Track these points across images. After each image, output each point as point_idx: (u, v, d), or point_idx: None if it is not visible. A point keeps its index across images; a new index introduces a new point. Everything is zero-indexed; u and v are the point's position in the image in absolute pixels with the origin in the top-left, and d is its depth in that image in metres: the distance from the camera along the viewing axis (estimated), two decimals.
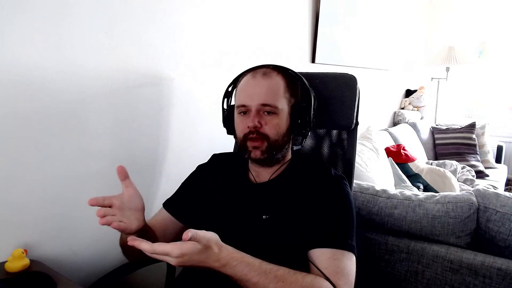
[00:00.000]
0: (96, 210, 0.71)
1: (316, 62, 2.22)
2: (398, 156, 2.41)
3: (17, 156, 0.93)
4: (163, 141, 1.33)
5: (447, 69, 3.71)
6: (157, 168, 1.33)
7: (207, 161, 1.08)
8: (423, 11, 4.28)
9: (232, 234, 0.79)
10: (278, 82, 0.90)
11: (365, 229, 1.39)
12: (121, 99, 1.15)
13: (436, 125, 3.78)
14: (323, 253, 0.79)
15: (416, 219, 1.28)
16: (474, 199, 1.24)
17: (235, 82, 0.98)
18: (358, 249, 0.82)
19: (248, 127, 0.87)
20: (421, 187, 2.29)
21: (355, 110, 1.11)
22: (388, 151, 2.40)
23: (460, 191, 2.09)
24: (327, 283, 0.74)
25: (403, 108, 4.00)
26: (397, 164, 2.30)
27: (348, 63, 2.64)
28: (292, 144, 0.98)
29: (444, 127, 3.58)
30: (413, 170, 2.44)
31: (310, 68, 2.20)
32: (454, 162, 2.92)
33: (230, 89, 1.00)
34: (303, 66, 2.14)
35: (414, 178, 2.35)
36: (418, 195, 1.35)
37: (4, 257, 0.92)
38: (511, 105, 4.18)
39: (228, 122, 0.98)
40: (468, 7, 4.19)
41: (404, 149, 2.48)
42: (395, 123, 3.72)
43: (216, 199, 0.95)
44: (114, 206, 0.73)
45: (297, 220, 0.84)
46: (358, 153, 1.59)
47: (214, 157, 1.08)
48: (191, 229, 0.66)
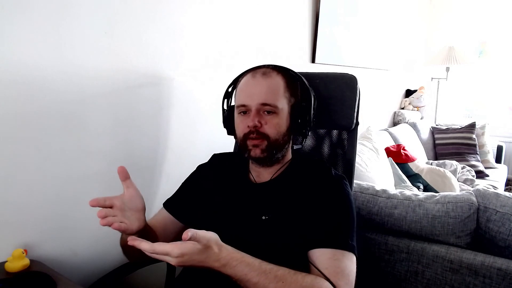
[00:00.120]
0: (96, 210, 0.71)
1: (316, 62, 2.22)
2: (398, 156, 2.41)
3: (17, 156, 0.93)
4: (163, 141, 1.33)
5: (447, 69, 3.71)
6: (157, 168, 1.33)
7: (207, 161, 1.08)
8: (423, 11, 4.28)
9: (232, 234, 0.79)
10: (278, 81, 0.90)
11: (365, 229, 1.39)
12: (121, 99, 1.15)
13: (436, 125, 3.78)
14: (323, 253, 0.79)
15: (416, 219, 1.28)
16: (474, 199, 1.24)
17: (235, 83, 0.98)
18: (358, 249, 0.82)
19: (248, 127, 0.87)
20: (421, 187, 2.29)
21: (356, 110, 1.11)
22: (388, 151, 2.40)
23: (460, 191, 2.09)
24: (327, 284, 0.74)
25: (403, 108, 4.00)
26: (397, 164, 2.30)
27: (348, 63, 2.64)
28: (292, 144, 0.98)
29: (444, 127, 3.58)
30: (413, 170, 2.44)
31: (310, 68, 2.20)
32: (454, 162, 2.92)
33: (230, 90, 1.00)
34: (303, 66, 2.14)
35: (414, 178, 2.35)
36: (418, 195, 1.35)
37: (4, 257, 0.92)
38: (511, 105, 4.18)
39: (228, 122, 0.98)
40: (468, 7, 4.20)
41: (404, 149, 2.48)
42: (395, 123, 3.72)
43: (216, 199, 0.95)
44: (115, 207, 0.73)
45: (297, 220, 0.84)
46: (358, 153, 1.59)
47: (215, 157, 1.08)
48: (191, 229, 0.66)
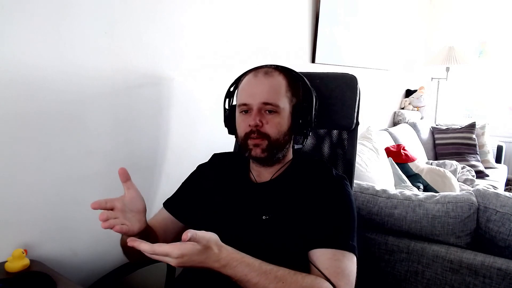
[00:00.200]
0: (96, 211, 0.71)
1: (316, 62, 2.22)
2: (398, 156, 2.41)
3: (17, 156, 0.93)
4: (163, 141, 1.33)
5: (447, 69, 3.71)
6: (157, 168, 1.33)
7: (207, 161, 1.08)
8: (423, 11, 4.28)
9: (232, 234, 0.79)
10: (280, 81, 0.90)
11: (365, 229, 1.39)
12: (121, 99, 1.15)
13: (436, 125, 3.78)
14: (324, 254, 0.79)
15: (416, 219, 1.28)
16: (474, 199, 1.24)
17: (236, 82, 0.98)
18: (358, 249, 0.82)
19: (250, 126, 0.87)
20: (421, 187, 2.29)
21: (356, 110, 1.11)
22: (388, 151, 2.40)
23: (460, 191, 2.09)
24: (328, 284, 0.74)
25: (403, 108, 4.00)
26: (397, 164, 2.30)
27: (348, 63, 2.63)
28: (293, 144, 0.98)
29: (444, 127, 3.58)
30: (413, 170, 2.44)
31: (310, 68, 2.20)
32: (454, 162, 2.92)
33: (231, 89, 1.00)
34: (303, 66, 2.14)
35: (414, 178, 2.35)
36: (418, 195, 1.35)
37: (4, 257, 0.92)
38: (511, 105, 4.18)
39: (229, 122, 0.98)
40: (468, 7, 4.20)
41: (404, 149, 2.48)
42: (395, 123, 3.72)
43: (217, 199, 0.95)
44: (116, 209, 0.73)
45: (298, 221, 0.84)
46: (358, 153, 1.59)
47: (215, 156, 1.08)
48: (191, 230, 0.66)
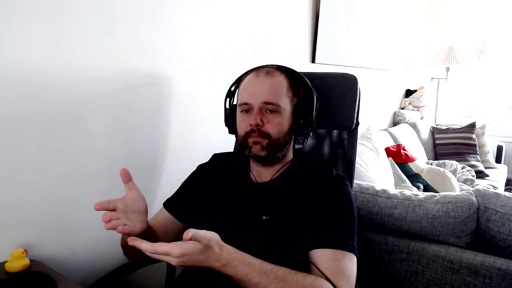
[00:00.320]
0: (96, 211, 0.70)
1: (316, 62, 2.22)
2: (398, 156, 2.41)
3: (17, 156, 0.93)
4: (163, 141, 1.33)
5: (447, 69, 3.71)
6: (157, 168, 1.33)
7: (207, 160, 1.08)
8: (423, 11, 4.28)
9: (232, 234, 0.79)
10: (281, 81, 0.90)
11: (365, 229, 1.39)
12: (121, 99, 1.15)
13: (436, 125, 3.78)
14: (324, 254, 0.79)
15: (416, 219, 1.28)
16: (474, 199, 1.24)
17: (237, 82, 0.98)
18: (358, 249, 0.82)
19: (250, 125, 0.87)
20: (421, 187, 2.29)
21: (356, 110, 1.11)
22: (388, 151, 2.40)
23: (460, 191, 2.09)
24: (328, 284, 0.74)
25: (403, 108, 4.00)
26: (397, 164, 2.30)
27: (348, 63, 2.63)
28: (294, 144, 0.98)
29: (444, 127, 3.58)
30: (413, 170, 2.44)
31: (310, 68, 2.19)
32: (454, 162, 2.92)
33: (232, 89, 1.00)
34: (303, 66, 2.14)
35: (414, 178, 2.35)
36: (418, 195, 1.35)
37: (4, 257, 0.92)
38: (511, 105, 4.18)
39: (230, 121, 0.98)
40: (468, 7, 4.20)
41: (404, 149, 2.48)
42: (395, 123, 3.72)
43: (217, 199, 0.95)
44: (118, 210, 0.73)
45: (298, 221, 0.84)
46: (358, 153, 1.59)
47: (215, 156, 1.08)
48: (192, 229, 0.66)
